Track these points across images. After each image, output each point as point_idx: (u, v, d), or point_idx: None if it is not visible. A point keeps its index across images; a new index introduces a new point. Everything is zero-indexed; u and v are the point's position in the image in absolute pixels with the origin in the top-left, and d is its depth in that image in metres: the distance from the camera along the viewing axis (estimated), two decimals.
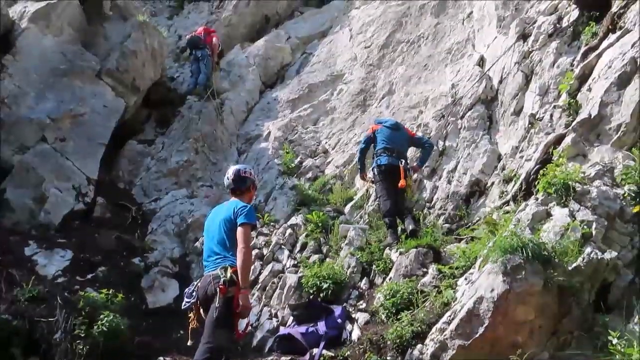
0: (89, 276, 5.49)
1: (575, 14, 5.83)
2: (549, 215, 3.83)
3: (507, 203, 4.97)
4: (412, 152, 6.22)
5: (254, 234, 6.05)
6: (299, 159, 7.79)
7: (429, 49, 8.33)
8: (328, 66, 9.41)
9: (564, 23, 5.98)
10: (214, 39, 9.56)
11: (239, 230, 3.43)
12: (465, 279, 4.05)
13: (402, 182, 5.24)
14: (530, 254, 3.37)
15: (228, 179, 3.83)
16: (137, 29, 8.43)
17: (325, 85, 9.01)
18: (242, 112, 9.20)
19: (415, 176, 6.07)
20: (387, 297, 4.33)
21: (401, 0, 9.59)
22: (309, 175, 7.47)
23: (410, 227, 5.21)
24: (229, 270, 3.39)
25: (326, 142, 8.04)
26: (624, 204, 3.66)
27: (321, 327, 4.32)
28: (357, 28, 9.81)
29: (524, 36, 6.48)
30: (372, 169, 5.59)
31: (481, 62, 7.29)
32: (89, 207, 6.67)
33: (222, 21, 10.85)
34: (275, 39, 10.47)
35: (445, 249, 4.96)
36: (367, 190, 6.55)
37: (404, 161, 5.48)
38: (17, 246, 5.49)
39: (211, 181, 7.79)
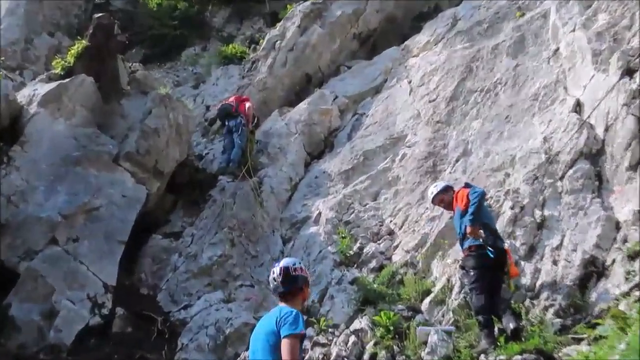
0: None
1: None
2: None
3: (637, 287, 4.71)
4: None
5: (306, 344, 5.95)
6: (358, 244, 7.73)
7: (509, 97, 8.31)
8: (386, 127, 9.47)
9: None
10: (248, 105, 9.83)
11: (283, 344, 3.38)
12: None
13: (514, 269, 5.32)
14: None
15: (275, 280, 3.75)
16: (158, 104, 8.72)
17: (384, 150, 9.13)
18: (285, 191, 9.31)
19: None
20: None
21: (469, 42, 9.77)
22: (373, 264, 7.37)
23: (511, 325, 5.04)
24: None
25: (391, 221, 7.99)
26: None
27: None
28: (418, 79, 9.96)
29: (629, 71, 6.44)
30: (477, 253, 5.49)
31: (578, 107, 7.21)
32: (106, 320, 6.71)
33: (256, 85, 11.42)
34: (320, 100, 10.71)
35: (560, 354, 4.67)
36: (448, 280, 6.35)
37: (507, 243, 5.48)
38: None
39: (252, 279, 7.76)
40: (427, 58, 10.29)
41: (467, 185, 5.98)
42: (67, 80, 8.31)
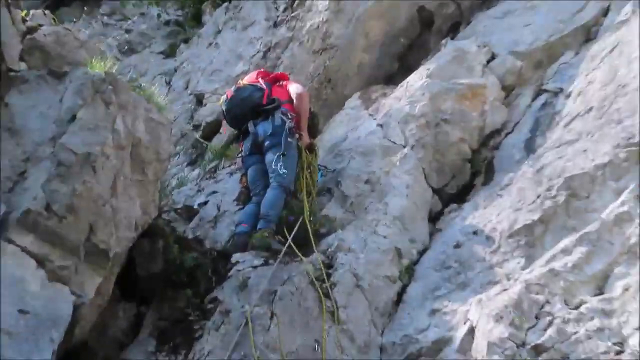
0: None
1: None
2: None
3: None
4: None
5: None
6: None
7: None
8: (616, 119, 6.94)
9: None
10: (296, 89, 7.76)
11: None
12: None
13: None
14: None
15: None
16: (89, 98, 6.32)
17: (616, 173, 6.56)
18: (387, 282, 6.70)
19: None
20: None
21: None
22: None
23: None
24: None
25: None
26: None
27: None
28: None
29: None
30: None
31: None
32: None
33: (307, 41, 9.26)
34: (455, 65, 8.16)
35: None
36: None
37: None
38: None
39: None
40: None
41: None
42: None
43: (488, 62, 8.05)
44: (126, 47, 11.55)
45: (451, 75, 7.87)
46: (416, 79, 7.97)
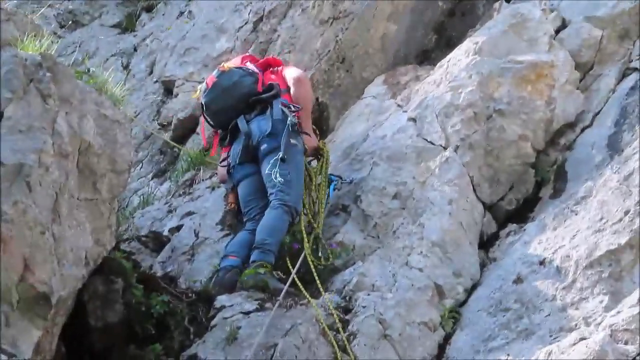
0: None
1: None
2: None
3: None
4: None
5: None
6: None
7: None
8: None
9: None
10: (291, 72, 8.04)
11: None
12: None
13: None
14: None
15: None
16: (21, 88, 6.37)
17: None
18: (423, 333, 6.80)
19: None
20: None
21: None
22: None
23: None
24: None
25: None
26: None
27: None
28: None
29: None
30: None
31: None
32: None
33: (312, 11, 9.33)
34: (512, 36, 8.34)
35: None
36: None
37: None
38: None
39: None
40: None
41: None
42: None
43: (557, 31, 8.14)
44: (69, 20, 11.59)
45: (507, 50, 7.94)
46: (460, 57, 8.02)
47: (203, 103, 7.71)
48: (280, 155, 7.04)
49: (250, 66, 7.75)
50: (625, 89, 7.78)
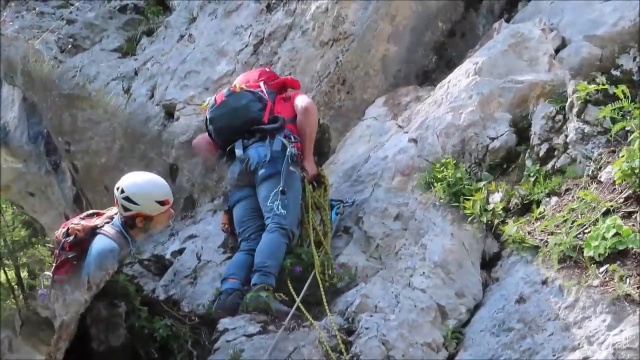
0: None
1: None
2: None
3: None
4: None
5: None
6: None
7: None
8: None
9: None
10: (303, 102, 7.95)
11: None
12: None
13: None
14: None
15: None
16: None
17: None
18: (426, 354, 6.75)
19: None
20: None
21: None
22: None
23: None
24: None
25: None
26: None
27: None
28: None
29: None
30: None
31: None
32: None
33: (310, 31, 9.30)
34: (511, 54, 8.37)
35: None
36: None
37: None
38: None
39: None
40: None
41: None
42: None
43: (557, 51, 8.14)
44: (70, 45, 11.44)
45: (508, 70, 7.98)
46: (460, 77, 8.01)
47: (208, 117, 7.78)
48: (281, 188, 7.14)
49: (263, 88, 7.73)
50: None
